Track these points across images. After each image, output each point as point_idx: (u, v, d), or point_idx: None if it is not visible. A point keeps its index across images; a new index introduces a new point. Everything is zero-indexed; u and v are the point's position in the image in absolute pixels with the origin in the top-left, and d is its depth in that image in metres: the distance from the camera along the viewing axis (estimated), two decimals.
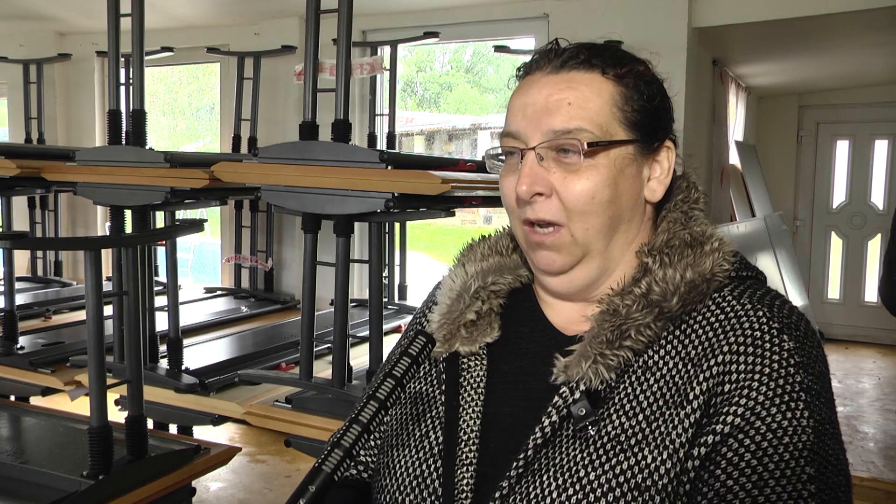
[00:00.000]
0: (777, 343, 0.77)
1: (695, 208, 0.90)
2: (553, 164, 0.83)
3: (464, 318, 0.91)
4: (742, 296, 0.82)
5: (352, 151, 2.23)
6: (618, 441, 0.78)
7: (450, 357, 0.92)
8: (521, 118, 0.85)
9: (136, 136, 2.62)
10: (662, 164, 0.88)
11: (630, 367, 0.81)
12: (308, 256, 2.33)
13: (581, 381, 0.80)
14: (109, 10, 2.62)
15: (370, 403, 0.76)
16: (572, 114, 0.82)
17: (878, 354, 5.38)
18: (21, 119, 4.64)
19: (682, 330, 0.81)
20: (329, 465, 0.71)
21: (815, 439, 0.74)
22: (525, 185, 0.83)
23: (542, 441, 0.80)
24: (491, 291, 0.94)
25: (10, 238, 2.40)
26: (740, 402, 0.75)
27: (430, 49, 11.02)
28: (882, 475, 3.14)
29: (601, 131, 0.82)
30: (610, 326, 0.81)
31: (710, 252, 0.84)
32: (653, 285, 0.82)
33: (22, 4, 4.39)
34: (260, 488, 3.36)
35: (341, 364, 2.25)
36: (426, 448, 0.88)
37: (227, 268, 4.40)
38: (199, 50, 4.44)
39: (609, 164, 0.83)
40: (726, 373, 0.77)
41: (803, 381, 0.75)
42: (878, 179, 5.68)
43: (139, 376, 2.00)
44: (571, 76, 0.84)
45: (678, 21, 3.41)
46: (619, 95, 0.84)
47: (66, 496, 1.76)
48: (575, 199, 0.83)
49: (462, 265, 0.97)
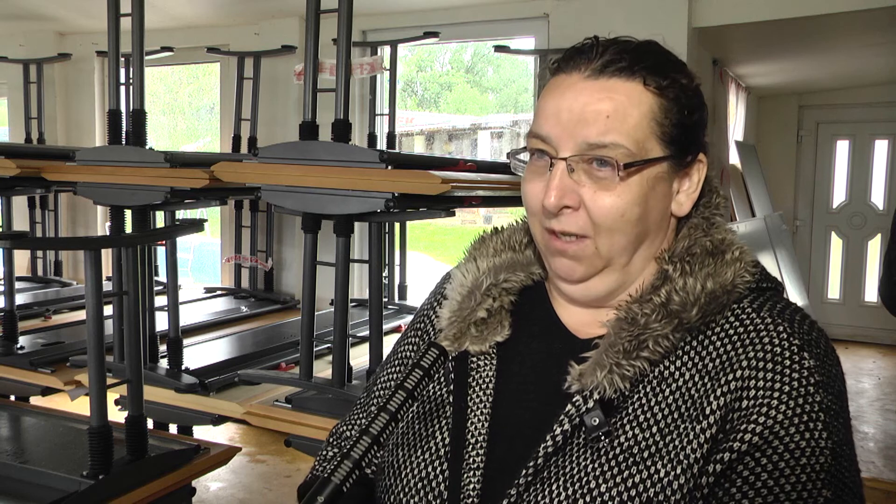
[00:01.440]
0: (798, 360, 0.75)
1: (716, 214, 0.87)
2: (584, 176, 0.80)
3: (474, 316, 0.89)
4: (762, 308, 0.80)
5: (352, 151, 2.23)
6: (630, 453, 0.76)
7: (459, 356, 0.89)
8: (553, 123, 0.81)
9: (137, 136, 2.62)
10: (692, 178, 0.85)
11: (646, 377, 0.79)
12: (308, 256, 2.33)
13: (595, 391, 0.78)
14: (109, 10, 2.62)
15: (381, 415, 0.75)
16: (609, 126, 0.78)
17: (878, 354, 5.38)
18: (21, 119, 4.64)
19: (699, 341, 0.79)
20: (338, 476, 0.71)
21: (832, 461, 0.72)
22: (554, 197, 0.79)
23: (552, 449, 0.78)
24: (503, 289, 0.91)
25: (10, 238, 2.40)
26: (759, 420, 0.73)
27: (430, 49, 11.02)
28: (882, 475, 3.14)
29: (637, 147, 0.79)
30: (627, 336, 0.78)
31: (731, 262, 0.81)
32: (672, 294, 0.79)
33: (22, 4, 4.39)
34: (260, 488, 3.36)
35: (341, 364, 2.25)
36: (433, 450, 0.86)
37: (227, 268, 4.40)
38: (199, 50, 4.44)
39: (641, 183, 0.80)
40: (745, 388, 0.75)
41: (823, 401, 0.74)
42: (878, 179, 5.68)
43: (139, 376, 2.00)
44: (611, 84, 0.80)
45: (678, 21, 3.41)
46: (659, 108, 0.80)
47: (66, 496, 1.76)
48: (604, 215, 0.80)
49: (474, 259, 0.93)
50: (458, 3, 3.83)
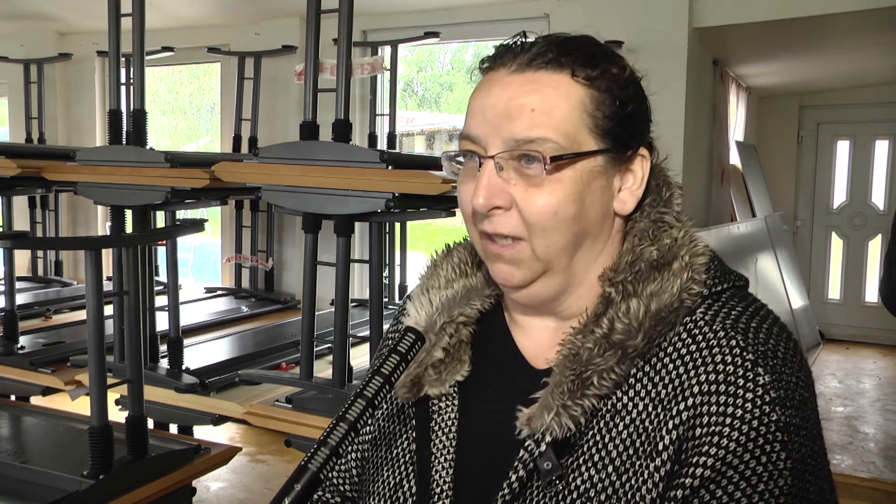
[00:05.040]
0: (751, 378, 0.71)
1: (665, 212, 0.81)
2: (514, 174, 0.76)
3: (431, 359, 0.84)
4: (715, 319, 0.75)
5: (352, 151, 2.23)
6: (588, 497, 0.73)
7: (419, 401, 0.86)
8: (480, 121, 0.77)
9: (137, 136, 2.62)
10: (636, 174, 0.80)
11: (598, 411, 0.75)
12: (308, 256, 2.33)
13: (546, 433, 0.75)
14: (110, 10, 2.62)
15: (357, 402, 0.74)
16: (535, 121, 0.74)
17: (878, 355, 5.37)
18: (21, 119, 4.65)
19: (651, 364, 0.75)
20: (315, 463, 0.70)
21: (792, 482, 0.69)
22: (482, 197, 0.75)
23: (510, 497, 0.76)
24: (459, 323, 0.86)
25: (10, 238, 2.40)
26: (710, 452, 0.69)
27: (430, 49, 11.01)
28: (882, 475, 3.14)
29: (567, 141, 0.75)
30: (570, 374, 0.74)
31: (678, 272, 0.76)
32: (615, 322, 0.75)
33: (22, 4, 4.39)
34: (260, 488, 3.36)
35: (341, 364, 2.25)
36: (400, 499, 0.84)
37: (228, 268, 4.40)
38: (199, 50, 4.45)
39: (575, 178, 0.75)
40: (697, 416, 0.71)
41: (780, 420, 0.70)
42: (878, 179, 5.68)
43: (139, 376, 2.00)
44: (537, 77, 0.76)
45: (678, 21, 3.41)
46: (590, 100, 0.76)
47: (66, 496, 1.76)
48: (536, 214, 0.75)
49: (427, 291, 0.88)
50: (458, 3, 3.83)
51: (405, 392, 0.85)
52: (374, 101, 3.99)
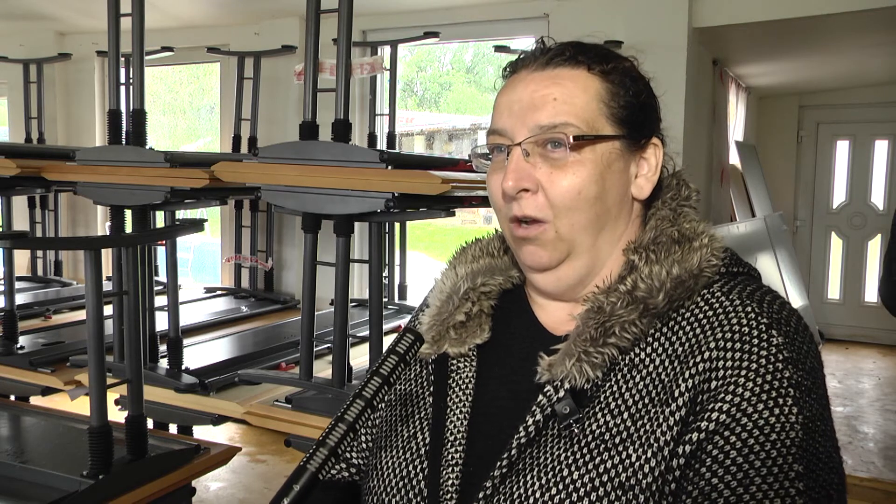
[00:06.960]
0: (766, 338, 0.75)
1: (685, 205, 0.89)
2: (539, 159, 0.83)
3: (453, 320, 0.91)
4: (731, 292, 0.81)
5: (352, 151, 2.23)
6: (602, 440, 0.77)
7: (439, 359, 0.91)
8: (507, 115, 0.85)
9: (137, 136, 2.61)
10: (650, 161, 0.88)
11: (616, 365, 0.80)
12: (308, 256, 2.33)
13: (565, 380, 0.79)
14: (109, 10, 2.62)
15: (356, 402, 0.75)
16: (558, 109, 0.82)
17: (878, 355, 5.38)
18: (21, 119, 4.64)
19: (669, 327, 0.80)
20: (314, 463, 0.71)
21: (804, 436, 0.72)
22: (511, 180, 0.82)
23: (525, 440, 0.79)
24: (481, 293, 0.93)
25: (10, 238, 2.39)
26: (726, 399, 0.73)
27: (430, 49, 11.01)
28: (882, 475, 3.15)
29: (587, 126, 0.82)
30: (594, 324, 0.80)
31: (698, 248, 0.82)
32: (638, 282, 0.81)
33: (22, 4, 4.39)
34: (260, 488, 3.36)
35: (341, 364, 2.25)
36: (413, 449, 0.87)
37: (227, 268, 4.40)
38: (199, 50, 4.44)
39: (596, 160, 0.82)
40: (713, 369, 0.75)
41: (792, 377, 0.74)
42: (878, 180, 5.68)
43: (139, 376, 2.00)
44: (557, 73, 0.84)
45: (678, 21, 3.41)
46: (605, 91, 0.84)
47: (66, 496, 1.76)
48: (561, 194, 0.82)
49: (453, 267, 0.96)
50: (458, 3, 3.83)
51: (427, 347, 0.91)
52: (373, 101, 3.99)
